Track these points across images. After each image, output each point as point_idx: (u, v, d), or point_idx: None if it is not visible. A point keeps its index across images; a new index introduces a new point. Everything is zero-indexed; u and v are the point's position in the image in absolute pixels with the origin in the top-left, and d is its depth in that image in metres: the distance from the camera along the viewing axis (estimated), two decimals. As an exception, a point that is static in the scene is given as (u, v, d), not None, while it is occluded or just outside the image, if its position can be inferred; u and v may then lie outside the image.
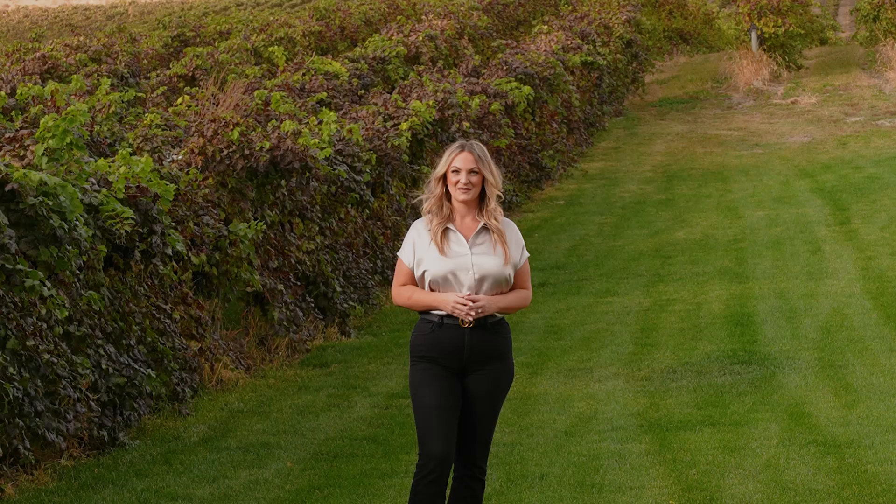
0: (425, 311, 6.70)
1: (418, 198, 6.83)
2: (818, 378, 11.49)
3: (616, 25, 35.45)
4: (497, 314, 6.71)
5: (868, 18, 38.75)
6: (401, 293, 6.75)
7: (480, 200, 6.75)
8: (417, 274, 6.69)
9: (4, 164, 8.52)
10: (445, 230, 6.68)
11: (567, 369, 12.31)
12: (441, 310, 6.63)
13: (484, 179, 6.71)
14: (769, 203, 22.36)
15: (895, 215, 20.25)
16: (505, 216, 6.79)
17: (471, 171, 6.68)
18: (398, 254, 6.78)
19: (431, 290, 6.66)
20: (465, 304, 6.57)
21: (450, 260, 6.62)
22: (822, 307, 14.56)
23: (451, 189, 6.73)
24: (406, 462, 9.13)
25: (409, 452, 9.36)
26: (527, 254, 6.80)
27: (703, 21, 45.84)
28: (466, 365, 6.69)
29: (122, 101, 15.39)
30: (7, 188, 8.42)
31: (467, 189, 6.68)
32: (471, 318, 6.57)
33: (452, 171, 6.71)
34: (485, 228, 6.70)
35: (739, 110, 33.80)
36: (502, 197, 6.80)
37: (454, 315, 6.61)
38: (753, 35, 37.05)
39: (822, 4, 56.65)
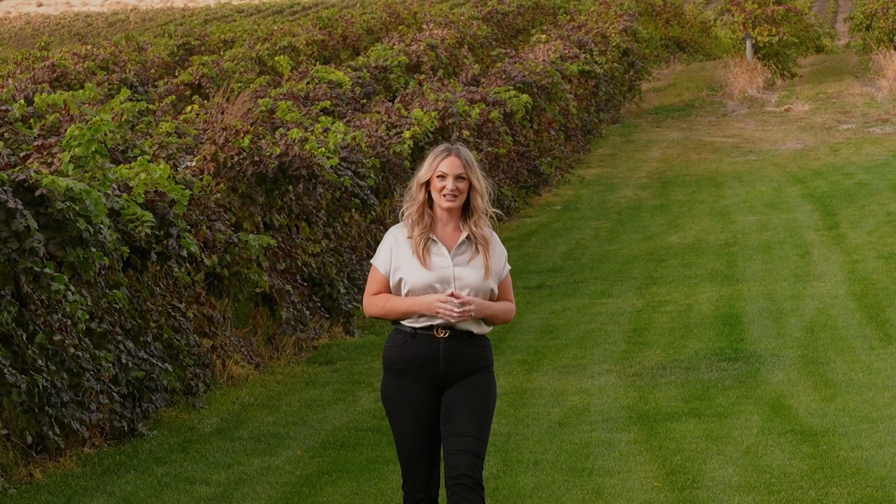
0: (397, 322, 6.29)
1: (401, 208, 6.37)
2: (800, 374, 12.03)
3: (613, 35, 35.89)
4: (478, 329, 6.28)
5: (861, 27, 39.25)
6: (374, 302, 6.30)
7: (465, 209, 6.31)
8: (393, 282, 6.26)
9: (34, 171, 9.11)
10: (427, 241, 6.25)
11: (562, 366, 12.83)
12: (420, 315, 6.21)
13: (470, 186, 6.26)
14: (761, 208, 22.78)
15: (882, 220, 20.70)
16: (496, 223, 6.42)
17: (458, 178, 6.24)
18: (372, 261, 6.36)
19: None
20: (449, 303, 6.15)
21: (431, 273, 6.20)
22: (808, 308, 15.05)
23: (434, 196, 6.28)
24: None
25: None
26: (508, 266, 6.39)
27: (700, 29, 46.33)
28: (443, 378, 6.25)
29: (135, 111, 15.95)
30: (37, 193, 9.00)
31: (454, 196, 6.24)
32: (456, 318, 6.13)
33: (438, 177, 6.25)
34: (467, 239, 6.28)
35: (734, 118, 34.25)
36: (488, 211, 6.33)
37: (438, 316, 6.19)
38: (748, 44, 37.49)
39: (820, 13, 57.16)
